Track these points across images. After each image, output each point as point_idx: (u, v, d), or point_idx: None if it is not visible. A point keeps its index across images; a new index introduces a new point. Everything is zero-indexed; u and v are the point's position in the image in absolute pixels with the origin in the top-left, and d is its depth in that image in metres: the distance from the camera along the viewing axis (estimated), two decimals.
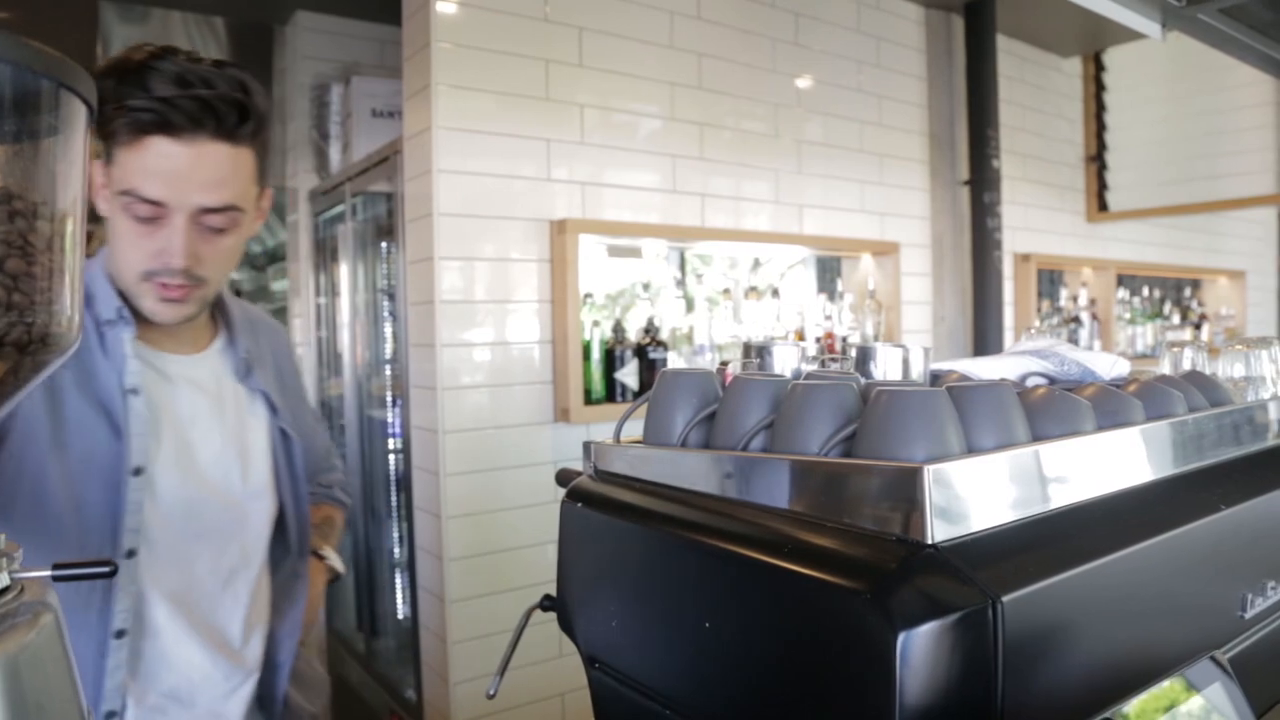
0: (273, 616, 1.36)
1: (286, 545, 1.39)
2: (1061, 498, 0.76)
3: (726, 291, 3.21)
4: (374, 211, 3.26)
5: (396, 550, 3.18)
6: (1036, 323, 4.19)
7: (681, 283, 3.16)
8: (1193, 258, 5.58)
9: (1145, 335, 5.09)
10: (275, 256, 5.51)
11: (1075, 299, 4.62)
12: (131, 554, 1.14)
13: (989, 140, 3.68)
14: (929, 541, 0.65)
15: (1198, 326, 5.49)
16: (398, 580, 3.21)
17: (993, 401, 0.77)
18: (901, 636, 0.59)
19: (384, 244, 3.18)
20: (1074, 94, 4.72)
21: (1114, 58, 4.80)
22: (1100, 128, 4.78)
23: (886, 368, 1.03)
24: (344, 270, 3.38)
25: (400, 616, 3.16)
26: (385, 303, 3.17)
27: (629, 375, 2.72)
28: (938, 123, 3.80)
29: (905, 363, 1.03)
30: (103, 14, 3.30)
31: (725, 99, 3.10)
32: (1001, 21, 3.83)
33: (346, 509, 1.68)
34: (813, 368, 1.05)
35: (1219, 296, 5.92)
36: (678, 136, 2.96)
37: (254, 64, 3.71)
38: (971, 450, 0.75)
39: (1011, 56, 4.17)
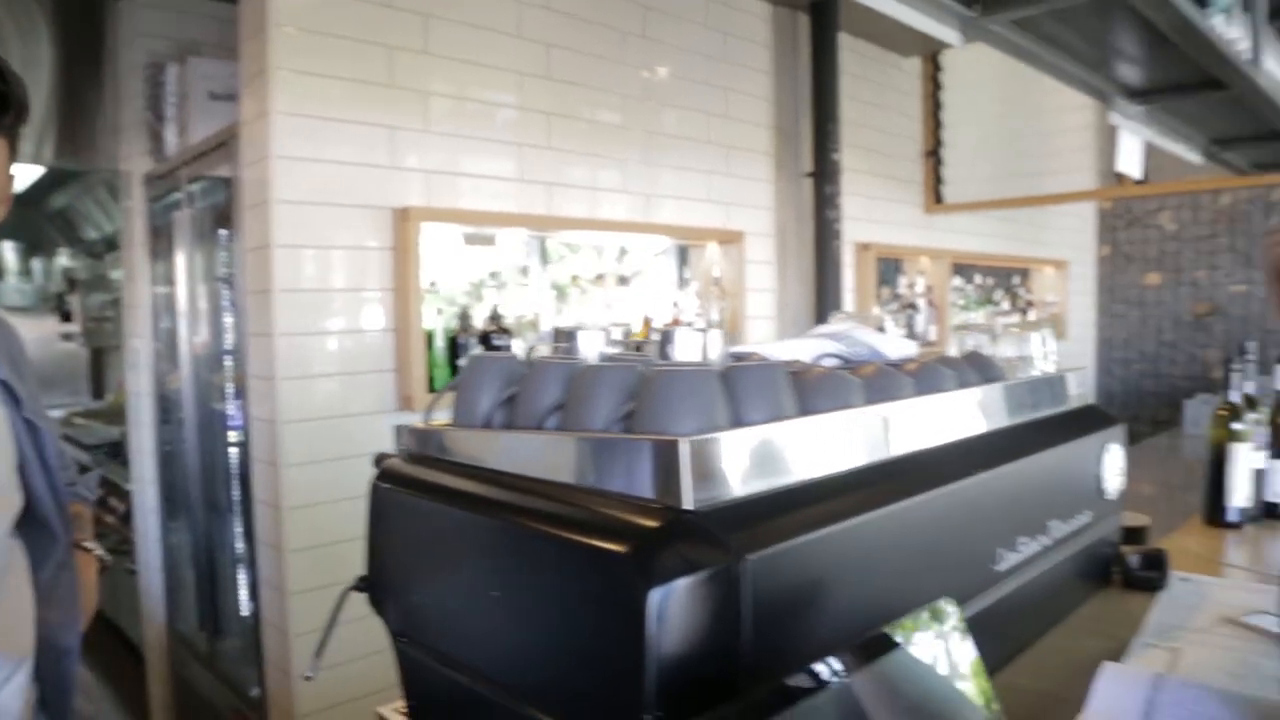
0: (46, 608, 1.34)
1: (52, 536, 1.37)
2: (818, 468, 0.83)
3: (575, 278, 3.25)
4: (213, 198, 3.16)
5: (239, 545, 3.10)
6: (876, 309, 4.39)
7: (526, 271, 3.19)
8: (1021, 248, 5.93)
9: (977, 321, 5.40)
10: (114, 244, 5.24)
11: (913, 286, 4.86)
12: None
13: (830, 134, 3.83)
14: (686, 508, 0.70)
15: (1025, 312, 5.86)
16: (241, 576, 3.13)
17: (762, 380, 0.83)
18: (653, 593, 0.64)
19: (223, 231, 3.08)
20: (913, 92, 4.95)
21: (950, 58, 5.05)
22: (937, 124, 5.03)
23: (685, 351, 1.09)
24: (181, 258, 3.27)
25: (244, 613, 3.09)
26: (225, 292, 3.08)
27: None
28: (783, 116, 3.94)
29: (704, 346, 1.09)
30: None
31: (574, 89, 3.13)
32: (845, 20, 3.99)
33: (91, 504, 1.67)
34: (616, 351, 1.10)
35: (1045, 284, 6.32)
36: (526, 126, 2.98)
37: (83, 41, 3.53)
38: (741, 424, 0.81)
39: (855, 54, 4.34)
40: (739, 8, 3.76)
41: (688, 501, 0.70)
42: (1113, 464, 1.37)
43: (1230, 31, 2.11)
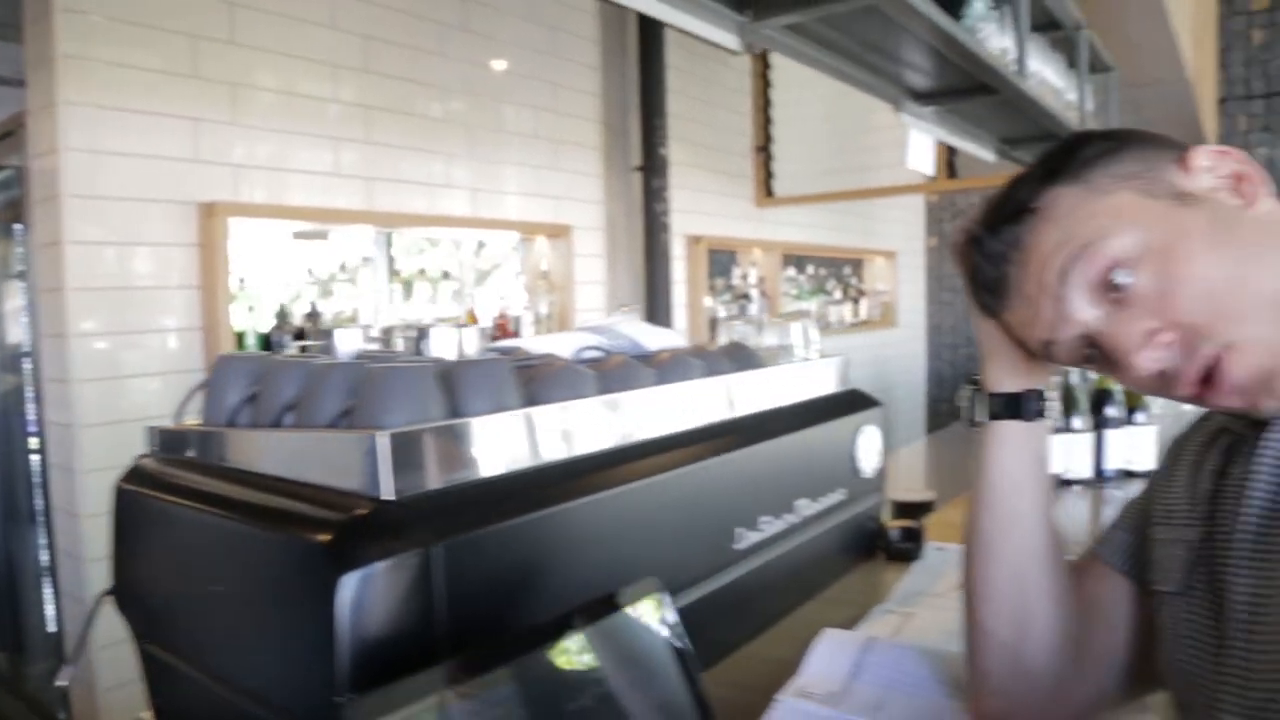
0: None
1: None
2: (533, 457, 0.87)
3: (397, 274, 3.23)
4: (10, 190, 2.99)
5: (44, 557, 2.96)
6: (710, 299, 4.52)
7: (345, 267, 3.15)
8: (852, 239, 6.19)
9: (810, 310, 5.62)
10: None
11: (746, 277, 5.01)
12: None
13: (657, 129, 3.92)
14: (387, 498, 0.73)
15: (856, 301, 6.12)
16: (47, 590, 2.98)
17: (481, 376, 0.87)
18: (343, 579, 0.67)
19: (17, 225, 2.92)
20: (744, 88, 5.09)
21: (780, 56, 5.21)
22: (767, 120, 5.19)
23: (440, 347, 1.12)
24: None
25: (51, 629, 2.95)
26: (21, 289, 2.92)
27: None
28: (612, 111, 3.99)
29: (460, 342, 1.13)
30: None
31: (394, 83, 3.10)
32: None
33: None
34: (374, 348, 1.13)
35: (876, 274, 6.62)
36: (343, 119, 2.94)
37: None
38: (460, 416, 0.84)
39: (684, 50, 4.42)
40: (567, 3, 3.79)
41: (388, 492, 0.73)
42: (868, 444, 1.48)
43: (1002, 40, 2.27)
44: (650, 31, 3.98)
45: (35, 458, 2.97)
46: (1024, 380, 0.86)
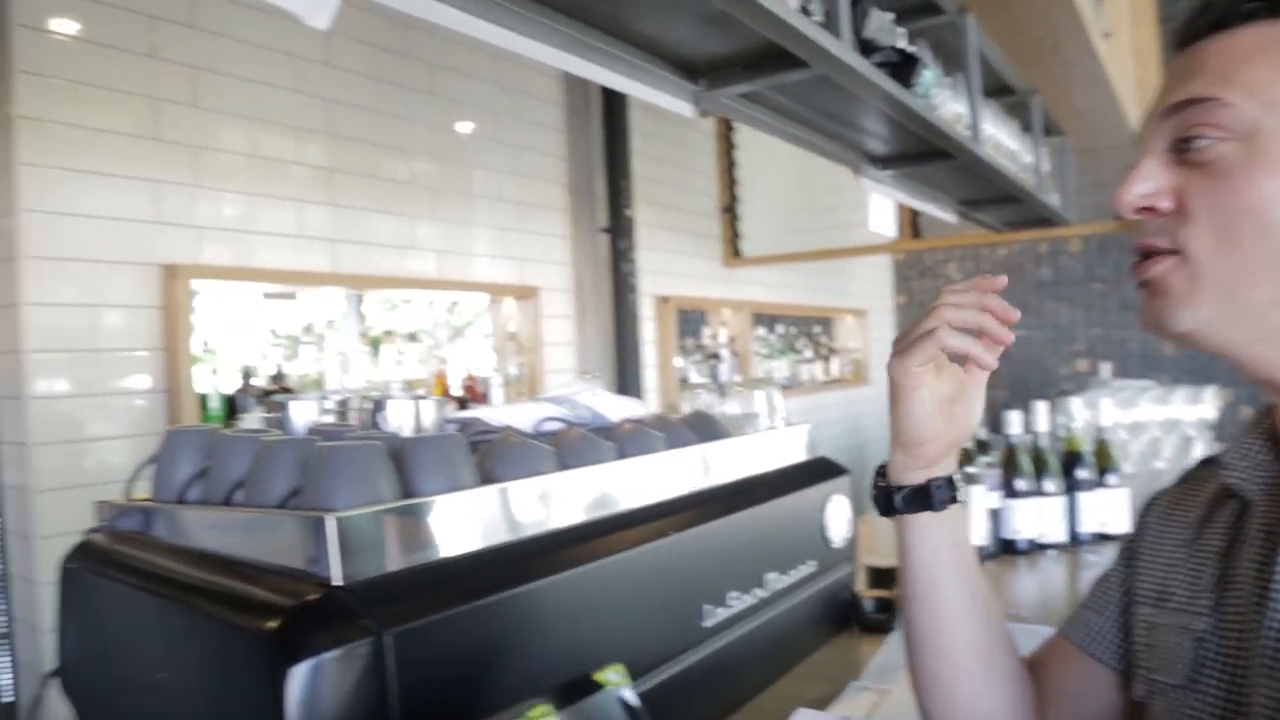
0: None
1: None
2: (489, 537, 0.85)
3: (364, 334, 3.21)
4: None
5: (2, 621, 2.86)
6: (680, 360, 4.52)
7: (311, 329, 3.13)
8: (821, 298, 6.24)
9: (781, 369, 5.64)
10: None
11: (715, 337, 5.03)
12: None
13: (623, 191, 3.95)
14: (335, 583, 0.71)
15: (827, 359, 6.15)
16: (5, 659, 2.88)
17: (435, 452, 0.86)
18: (291, 670, 0.65)
19: None
20: (708, 150, 5.15)
21: None
22: (732, 181, 5.25)
23: (398, 419, 1.10)
24: None
25: (8, 699, 2.84)
26: None
27: (251, 424, 2.64)
28: (577, 173, 4.02)
29: (417, 413, 1.11)
30: None
31: (357, 146, 3.11)
32: None
33: None
34: (329, 420, 1.11)
35: (846, 332, 6.66)
36: (306, 181, 2.94)
37: None
38: (412, 495, 0.83)
39: (648, 113, 4.46)
40: (530, 66, 3.83)
41: (337, 577, 0.72)
42: (837, 514, 1.46)
43: (956, 107, 2.32)
44: (613, 94, 4.03)
45: None
46: (930, 470, 0.79)
